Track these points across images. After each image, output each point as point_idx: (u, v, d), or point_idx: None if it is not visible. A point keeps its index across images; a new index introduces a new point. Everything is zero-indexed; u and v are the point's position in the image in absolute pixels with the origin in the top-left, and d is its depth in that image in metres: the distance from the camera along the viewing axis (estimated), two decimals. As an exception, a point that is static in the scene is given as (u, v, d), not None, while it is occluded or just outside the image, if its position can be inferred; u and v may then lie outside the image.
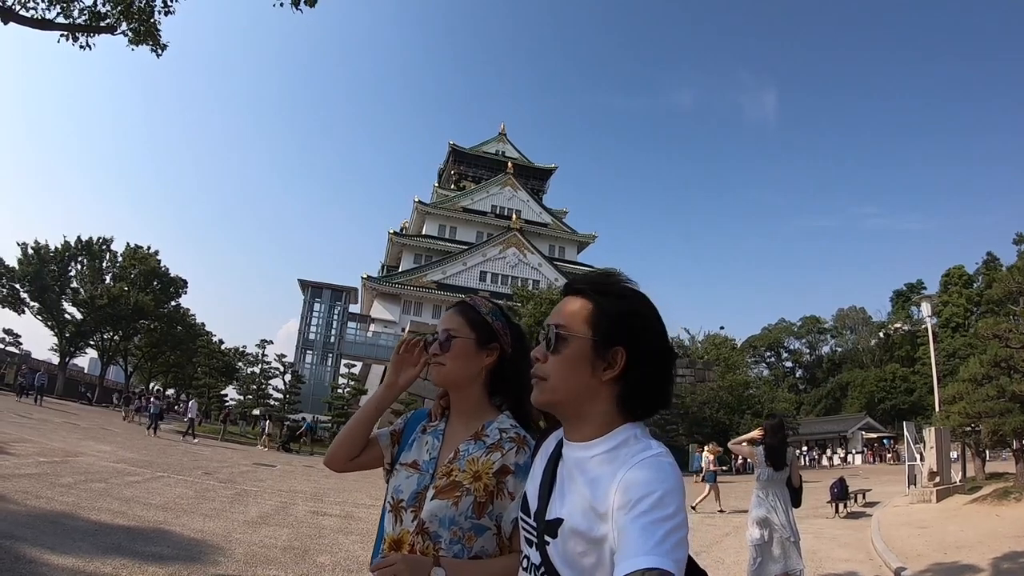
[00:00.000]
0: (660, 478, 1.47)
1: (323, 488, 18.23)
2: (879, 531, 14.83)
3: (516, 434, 2.09)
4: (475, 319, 2.21)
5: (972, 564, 10.87)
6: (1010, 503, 16.06)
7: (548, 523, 1.65)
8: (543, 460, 1.85)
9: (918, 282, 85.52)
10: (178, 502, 12.28)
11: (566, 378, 1.69)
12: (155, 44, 12.35)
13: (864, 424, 64.57)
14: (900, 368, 76.27)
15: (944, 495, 20.00)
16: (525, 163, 79.79)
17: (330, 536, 10.91)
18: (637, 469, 1.51)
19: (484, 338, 2.19)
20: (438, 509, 1.97)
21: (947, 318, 70.50)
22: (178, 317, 64.04)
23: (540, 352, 1.72)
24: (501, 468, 2.01)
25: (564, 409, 1.74)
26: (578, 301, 1.73)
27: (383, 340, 57.83)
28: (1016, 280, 19.67)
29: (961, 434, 24.02)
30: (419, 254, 67.74)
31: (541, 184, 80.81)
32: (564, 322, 1.70)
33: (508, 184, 74.19)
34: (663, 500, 1.42)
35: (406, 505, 2.04)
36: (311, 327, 67.30)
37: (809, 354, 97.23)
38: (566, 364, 1.69)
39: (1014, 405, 19.65)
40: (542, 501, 1.72)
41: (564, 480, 1.72)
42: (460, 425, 2.19)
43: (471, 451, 2.06)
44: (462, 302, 2.29)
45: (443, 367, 2.16)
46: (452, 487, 1.99)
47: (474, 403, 2.20)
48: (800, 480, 8.12)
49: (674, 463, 1.56)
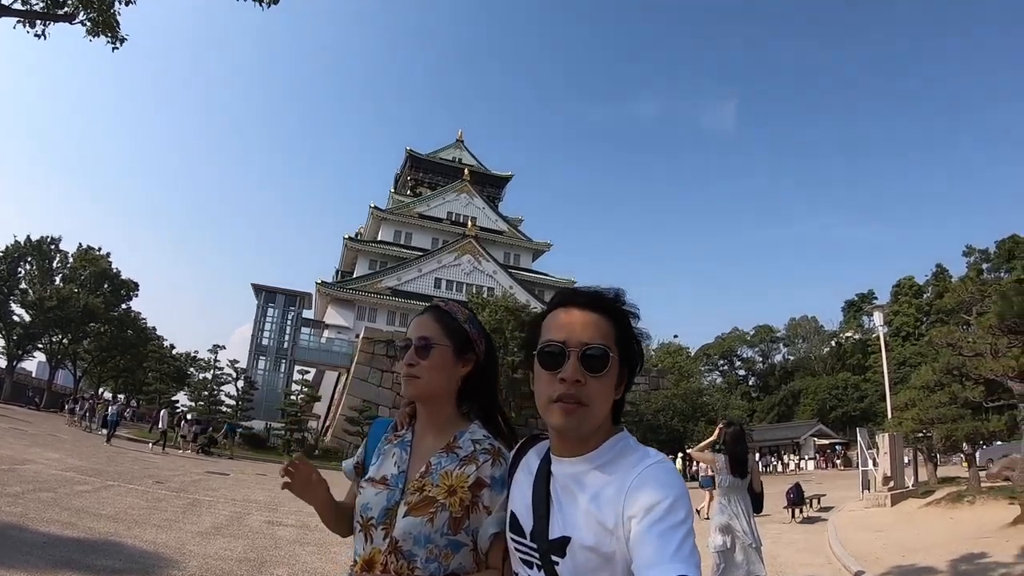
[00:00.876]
0: (669, 485, 1.47)
1: (278, 497, 17.80)
2: (837, 535, 14.96)
3: (490, 445, 1.97)
4: (452, 326, 2.07)
5: (931, 566, 10.98)
6: (964, 506, 16.31)
7: (553, 543, 1.59)
8: (528, 477, 1.77)
9: (869, 292, 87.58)
10: (129, 512, 11.90)
11: (606, 402, 1.64)
12: (113, 36, 12.00)
13: (816, 431, 65.82)
14: (851, 376, 77.81)
15: (898, 499, 20.32)
16: (482, 170, 79.98)
17: (287, 547, 10.64)
18: (644, 477, 1.50)
19: (460, 347, 2.05)
20: (412, 527, 1.83)
21: (898, 327, 72.17)
22: (129, 321, 62.90)
23: (578, 373, 1.59)
24: (476, 481, 1.89)
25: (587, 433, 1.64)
26: (603, 321, 1.65)
27: (337, 346, 57.26)
28: (969, 291, 20.17)
29: (913, 439, 24.50)
30: (374, 260, 67.36)
31: (497, 191, 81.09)
32: (606, 343, 1.61)
33: (464, 191, 74.28)
34: (674, 506, 1.42)
35: (376, 523, 1.89)
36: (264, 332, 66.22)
37: (762, 362, 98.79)
38: (607, 387, 1.63)
39: (966, 411, 20.15)
40: (539, 521, 1.64)
41: (560, 497, 1.65)
42: (429, 436, 2.04)
43: (444, 464, 1.93)
44: (436, 307, 2.13)
45: (418, 379, 2.00)
46: (426, 503, 1.85)
47: (446, 414, 2.06)
48: (761, 485, 8.20)
49: (675, 468, 1.56)
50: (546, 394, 1.63)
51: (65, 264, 58.94)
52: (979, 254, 71.37)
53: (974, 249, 72.28)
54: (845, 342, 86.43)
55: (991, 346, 16.07)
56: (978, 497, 16.76)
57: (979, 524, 14.03)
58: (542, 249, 76.09)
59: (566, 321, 1.66)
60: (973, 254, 71.90)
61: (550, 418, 1.63)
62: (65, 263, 58.96)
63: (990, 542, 12.05)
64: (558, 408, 1.59)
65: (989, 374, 15.42)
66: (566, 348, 1.60)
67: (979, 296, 19.36)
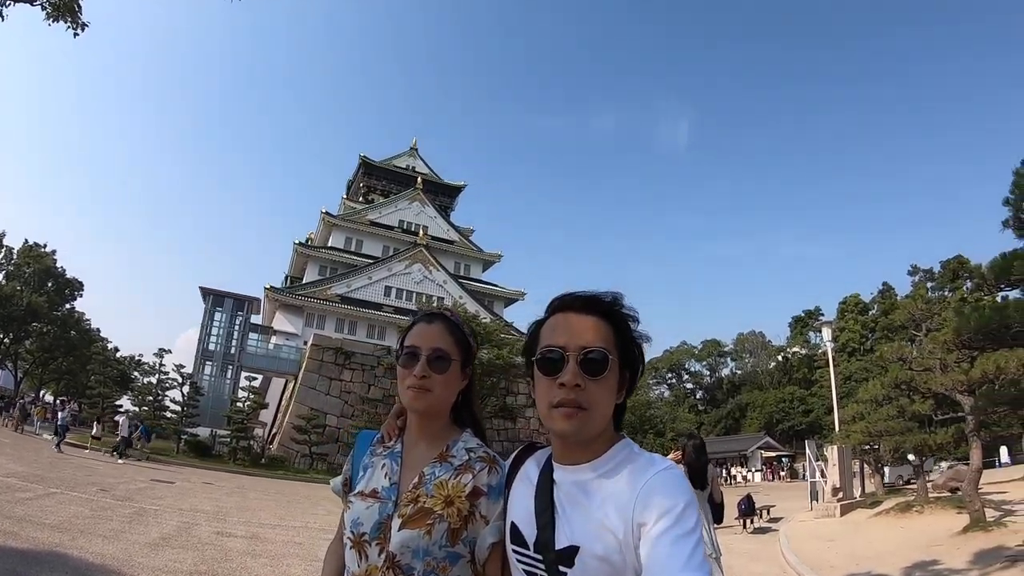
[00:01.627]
0: (679, 492, 1.46)
1: (225, 507, 17.52)
2: (789, 545, 15.20)
3: (485, 453, 1.91)
4: (461, 339, 1.98)
5: (886, 574, 11.20)
6: (912, 516, 16.71)
7: (560, 553, 1.54)
8: (528, 486, 1.72)
9: (816, 308, 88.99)
10: (74, 522, 11.49)
11: (607, 406, 1.61)
12: (74, 21, 11.63)
13: (763, 443, 66.83)
14: (798, 390, 79.15)
15: (847, 509, 20.76)
16: (435, 179, 79.69)
17: (238, 559, 10.38)
18: (654, 484, 1.49)
19: (466, 360, 1.98)
20: (409, 540, 1.75)
21: (843, 343, 73.49)
22: (72, 321, 60.91)
23: (578, 378, 1.56)
24: (473, 490, 1.82)
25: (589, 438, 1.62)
26: (601, 324, 1.64)
27: (285, 353, 56.30)
28: (919, 307, 20.70)
29: (861, 451, 25.04)
30: (324, 266, 66.52)
31: (450, 201, 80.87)
32: (605, 346, 1.59)
33: (416, 199, 73.91)
34: (685, 514, 1.42)
35: (369, 538, 1.80)
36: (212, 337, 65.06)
37: (710, 376, 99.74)
38: (608, 391, 1.61)
39: (914, 424, 20.71)
40: (544, 531, 1.60)
41: (565, 505, 1.61)
42: (421, 446, 1.96)
43: (438, 474, 1.86)
44: (445, 317, 2.03)
45: (430, 393, 1.89)
46: (422, 515, 1.78)
47: (440, 425, 1.98)
48: (721, 496, 8.23)
49: (683, 475, 1.53)
50: (546, 400, 1.61)
51: (9, 260, 57.12)
52: (924, 273, 73.18)
53: (919, 268, 74.14)
54: (792, 357, 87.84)
55: (941, 361, 16.51)
56: (926, 507, 17.18)
57: (929, 533, 14.36)
58: (492, 260, 75.98)
59: (564, 326, 1.65)
60: (918, 273, 73.73)
61: (551, 424, 1.61)
62: (9, 259, 57.15)
63: (941, 550, 12.32)
64: (559, 413, 1.57)
65: (939, 388, 15.79)
66: (565, 352, 1.59)
67: (928, 313, 19.91)
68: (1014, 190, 9.23)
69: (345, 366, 45.70)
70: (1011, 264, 8.77)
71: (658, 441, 48.05)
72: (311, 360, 45.66)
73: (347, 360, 45.71)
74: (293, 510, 19.02)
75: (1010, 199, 9.43)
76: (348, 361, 45.72)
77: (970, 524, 13.47)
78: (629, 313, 1.70)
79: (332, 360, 45.65)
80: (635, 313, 1.71)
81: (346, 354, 45.79)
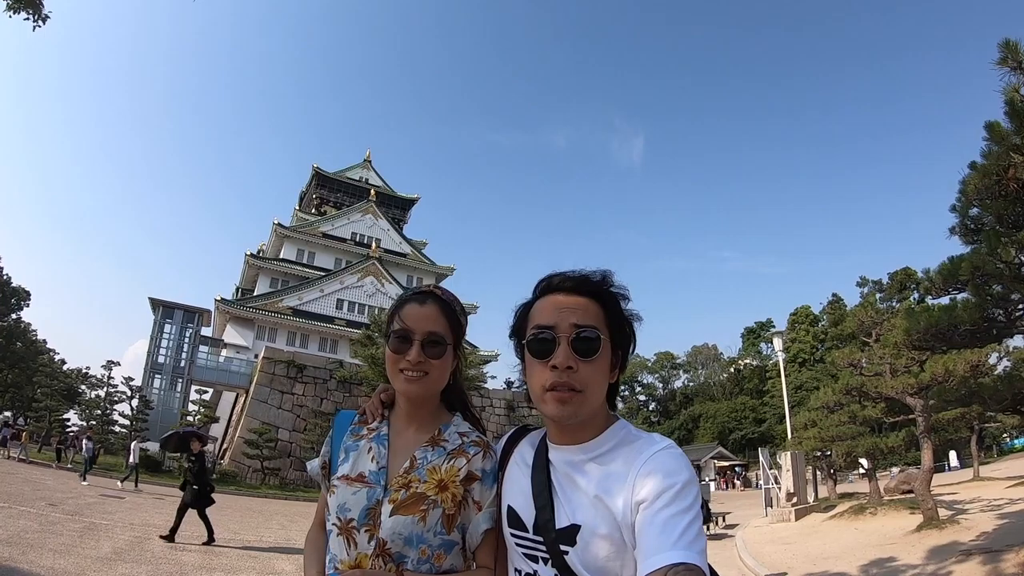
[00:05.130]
0: (678, 470, 1.46)
1: (178, 521, 17.20)
2: (747, 548, 15.31)
3: (478, 438, 1.89)
4: (454, 321, 1.93)
5: (843, 572, 11.39)
6: (867, 517, 17.00)
7: (561, 532, 1.54)
8: (524, 469, 1.72)
9: (767, 320, 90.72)
10: (23, 536, 11.25)
11: (601, 387, 1.61)
12: (35, 13, 11.33)
13: (716, 453, 67.57)
14: (750, 400, 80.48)
15: (802, 514, 21.03)
16: (388, 192, 79.41)
17: (193, 573, 10.27)
18: (653, 464, 1.48)
19: (458, 342, 1.93)
20: (402, 526, 1.71)
21: (794, 354, 74.56)
22: (19, 332, 59.27)
23: (570, 359, 1.56)
24: (468, 475, 1.79)
25: (584, 419, 1.62)
26: (591, 304, 1.64)
27: (235, 366, 55.37)
28: (869, 315, 21.21)
29: (814, 458, 25.47)
30: (276, 278, 65.77)
31: (403, 214, 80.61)
32: (597, 326, 1.60)
33: (370, 212, 73.56)
34: (683, 492, 1.42)
35: (358, 525, 1.75)
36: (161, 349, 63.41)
37: (662, 388, 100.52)
38: (601, 371, 1.61)
39: (865, 429, 21.18)
40: (543, 512, 1.59)
41: (564, 486, 1.61)
42: (411, 429, 1.91)
43: (431, 458, 1.82)
44: (438, 297, 1.96)
45: (427, 377, 1.85)
46: (416, 500, 1.74)
47: (431, 408, 1.94)
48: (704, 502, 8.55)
49: (683, 454, 1.53)
50: (539, 383, 1.60)
51: (-48, 268, 55.00)
52: (872, 284, 74.53)
53: (867, 280, 75.42)
54: (744, 368, 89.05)
55: (891, 365, 16.92)
56: (879, 509, 17.50)
57: (884, 532, 14.62)
58: (446, 273, 75.71)
59: (554, 306, 1.63)
60: (867, 284, 75.00)
61: (545, 408, 1.60)
62: (-48, 267, 55.01)
63: (897, 548, 12.55)
64: (552, 397, 1.57)
65: (889, 392, 16.10)
66: (556, 334, 1.58)
67: (879, 320, 20.41)
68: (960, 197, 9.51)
69: (297, 379, 45.07)
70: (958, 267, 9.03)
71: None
72: (262, 373, 45.00)
73: (299, 373, 45.08)
74: (246, 524, 18.77)
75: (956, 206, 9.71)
76: (300, 374, 45.10)
77: (924, 522, 13.75)
78: (619, 291, 1.69)
79: (284, 373, 45.03)
80: (625, 291, 1.70)
81: (298, 367, 45.17)
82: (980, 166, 8.90)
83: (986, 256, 8.61)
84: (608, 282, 1.68)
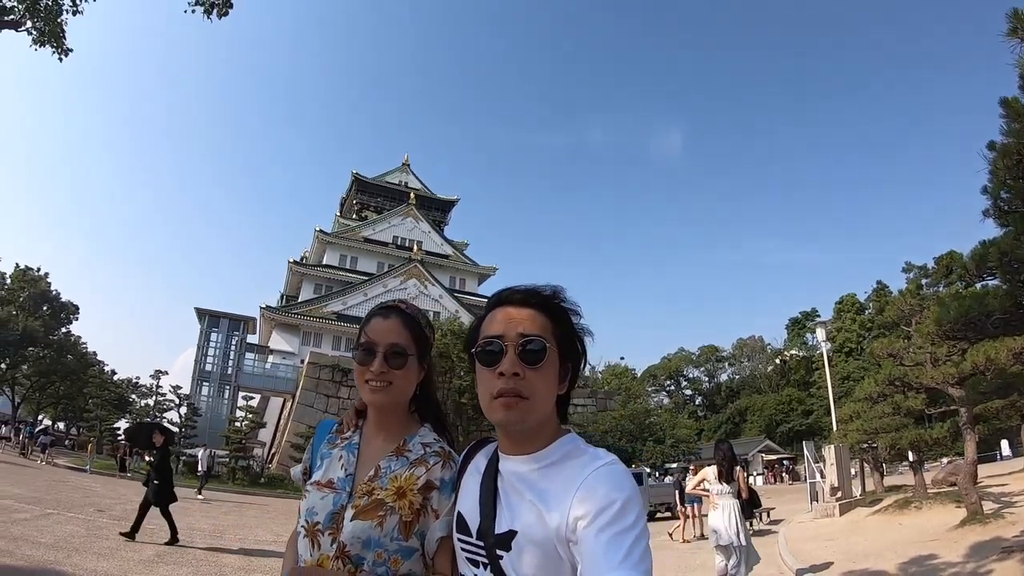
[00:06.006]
0: (618, 488, 1.46)
1: (222, 525, 17.50)
2: (787, 546, 15.07)
3: (441, 448, 1.94)
4: (418, 333, 1.99)
5: (882, 570, 11.15)
6: (911, 512, 16.61)
7: (499, 537, 1.57)
8: (476, 476, 1.76)
9: (812, 310, 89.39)
10: (70, 540, 11.51)
11: (548, 395, 1.63)
12: (59, 47, 11.79)
13: (764, 447, 66.82)
14: (796, 392, 79.45)
15: (847, 509, 20.62)
16: (428, 194, 79.94)
17: (232, 575, 10.38)
18: (594, 480, 1.49)
19: (422, 354, 2.00)
20: (360, 531, 1.78)
21: (841, 343, 73.60)
22: (69, 345, 60.37)
23: (516, 366, 1.58)
24: (426, 484, 1.85)
25: (531, 428, 1.63)
26: (539, 315, 1.66)
27: (282, 372, 56.31)
28: (909, 303, 20.56)
29: (859, 450, 24.94)
30: (319, 284, 66.65)
31: (443, 215, 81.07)
32: (543, 335, 1.62)
33: (410, 215, 74.15)
34: (624, 510, 1.41)
35: (323, 528, 1.83)
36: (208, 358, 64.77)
37: (708, 382, 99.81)
38: (547, 380, 1.62)
39: (909, 420, 20.67)
40: (486, 518, 1.62)
41: (508, 494, 1.63)
42: (379, 439, 1.99)
43: (394, 468, 1.89)
44: (402, 312, 2.03)
45: (390, 387, 1.92)
46: (374, 506, 1.81)
47: (398, 418, 2.01)
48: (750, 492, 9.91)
49: (627, 471, 1.53)
50: (488, 391, 1.62)
51: (2, 285, 56.70)
52: (918, 270, 73.09)
53: (913, 266, 74.04)
54: (790, 359, 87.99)
55: (931, 355, 16.44)
56: (925, 502, 17.09)
57: (927, 528, 14.29)
58: (488, 273, 76.04)
59: (503, 318, 1.67)
60: (912, 270, 73.67)
61: (492, 414, 1.62)
62: (2, 284, 56.75)
63: (938, 544, 12.25)
64: (499, 403, 1.59)
65: (930, 382, 15.69)
66: (503, 343, 1.61)
67: (918, 308, 19.74)
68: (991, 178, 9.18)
69: (342, 383, 45.53)
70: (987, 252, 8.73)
71: (657, 448, 47.67)
72: (308, 378, 45.59)
73: (344, 377, 45.51)
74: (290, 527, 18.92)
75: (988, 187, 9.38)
76: (345, 378, 45.50)
77: (967, 517, 13.40)
78: (568, 306, 1.73)
79: (329, 377, 45.56)
80: (575, 306, 1.74)
81: (343, 371, 45.58)
82: (1001, 146, 8.61)
83: (1013, 241, 8.33)
84: (557, 297, 1.72)
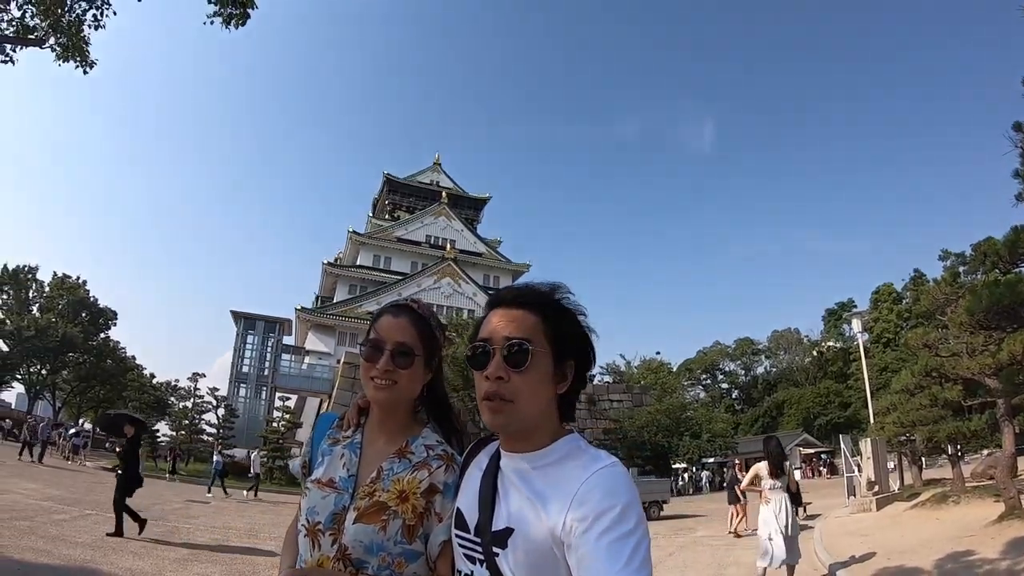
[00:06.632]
0: (618, 491, 1.45)
1: (258, 524, 17.69)
2: (822, 541, 14.93)
3: (443, 451, 1.93)
4: (427, 334, 1.99)
5: (916, 567, 10.98)
6: (949, 506, 16.33)
7: (495, 534, 1.57)
8: (478, 473, 1.76)
9: (849, 300, 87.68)
10: (106, 540, 11.76)
11: (534, 398, 1.61)
12: (83, 60, 12.04)
13: (801, 440, 65.83)
14: (834, 384, 78.09)
15: (884, 503, 20.35)
16: (459, 193, 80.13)
17: (265, 573, 10.48)
18: (594, 482, 1.47)
19: (431, 355, 1.99)
20: (363, 534, 1.77)
21: (878, 334, 72.43)
22: (108, 350, 60.94)
23: (500, 370, 1.59)
24: (429, 487, 1.84)
25: (522, 429, 1.63)
26: (528, 316, 1.65)
27: (318, 372, 56.87)
28: (943, 292, 20.09)
29: (897, 444, 24.56)
30: (354, 284, 67.18)
31: (475, 214, 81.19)
32: (530, 337, 1.60)
33: (442, 214, 74.36)
34: (624, 515, 1.40)
35: (323, 528, 1.82)
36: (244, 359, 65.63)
37: (744, 375, 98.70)
38: (535, 383, 1.61)
39: (946, 412, 20.16)
40: (484, 514, 1.63)
41: (508, 491, 1.63)
42: (381, 440, 1.98)
43: (396, 470, 1.88)
44: (412, 311, 2.02)
45: (395, 385, 1.90)
46: (377, 509, 1.80)
47: (401, 419, 1.99)
48: (797, 486, 10.22)
49: (627, 472, 1.52)
50: (479, 393, 1.63)
51: (41, 293, 57.67)
52: (955, 258, 71.51)
53: (950, 253, 72.38)
54: (827, 351, 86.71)
55: (967, 345, 16.09)
56: (963, 497, 16.79)
57: (964, 523, 14.04)
58: (521, 270, 75.89)
59: (493, 320, 1.67)
60: (949, 258, 72.17)
61: (484, 417, 1.63)
62: (41, 292, 57.70)
63: (975, 540, 12.03)
64: (486, 407, 1.60)
65: (966, 373, 15.41)
66: (491, 346, 1.61)
67: (953, 297, 19.27)
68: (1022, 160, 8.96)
69: (358, 357, 45.81)
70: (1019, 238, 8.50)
71: (694, 443, 47.47)
72: (344, 378, 45.86)
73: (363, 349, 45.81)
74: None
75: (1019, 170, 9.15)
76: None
77: (1005, 512, 13.12)
78: (567, 304, 1.71)
79: (364, 377, 45.79)
80: (571, 303, 1.71)
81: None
82: (1029, 126, 8.38)
83: (1044, 227, 8.11)
84: (554, 295, 1.70)
